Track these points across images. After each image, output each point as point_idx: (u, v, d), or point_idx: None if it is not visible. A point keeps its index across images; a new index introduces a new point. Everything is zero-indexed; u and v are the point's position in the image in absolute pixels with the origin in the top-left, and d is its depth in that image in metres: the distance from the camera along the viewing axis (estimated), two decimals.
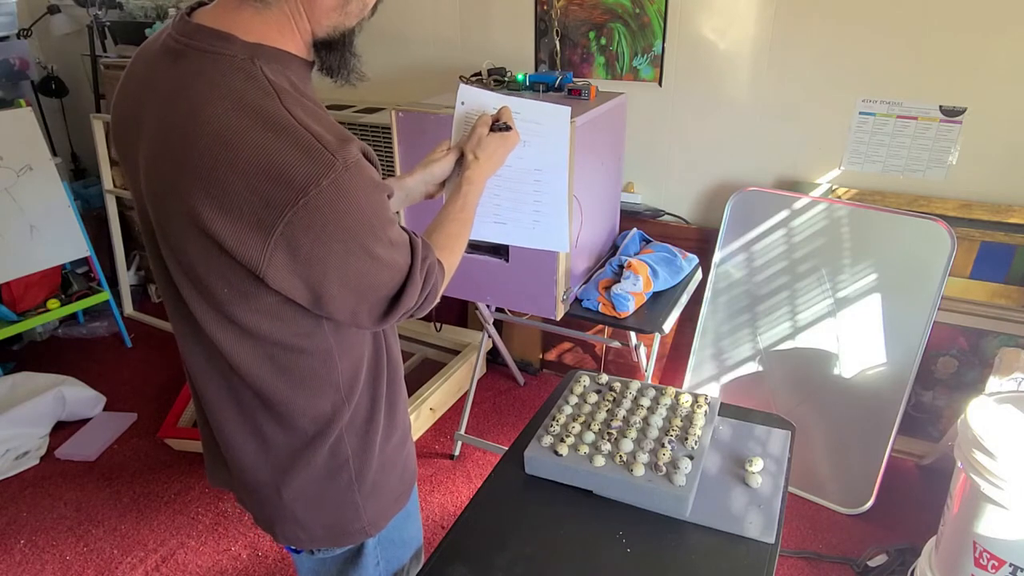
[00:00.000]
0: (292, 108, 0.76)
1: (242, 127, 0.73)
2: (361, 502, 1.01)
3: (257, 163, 0.72)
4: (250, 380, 0.89)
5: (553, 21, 2.42)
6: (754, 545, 1.05)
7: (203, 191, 0.74)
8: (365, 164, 0.79)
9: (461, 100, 1.18)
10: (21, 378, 2.65)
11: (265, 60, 0.79)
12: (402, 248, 0.86)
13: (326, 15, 0.82)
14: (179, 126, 0.76)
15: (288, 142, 0.73)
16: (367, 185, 0.78)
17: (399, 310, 0.87)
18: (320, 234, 0.75)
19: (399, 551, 1.15)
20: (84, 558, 2.07)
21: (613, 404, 1.31)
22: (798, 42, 2.11)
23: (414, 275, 0.87)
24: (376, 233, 0.80)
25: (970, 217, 2.03)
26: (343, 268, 0.79)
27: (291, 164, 0.72)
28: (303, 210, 0.73)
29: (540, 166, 1.20)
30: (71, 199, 2.95)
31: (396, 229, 0.85)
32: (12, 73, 3.41)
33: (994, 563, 1.43)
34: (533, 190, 1.21)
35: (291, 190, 0.72)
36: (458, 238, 1.04)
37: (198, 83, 0.76)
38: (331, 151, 0.74)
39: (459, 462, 2.41)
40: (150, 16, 3.30)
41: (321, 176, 0.73)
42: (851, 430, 2.11)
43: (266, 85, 0.76)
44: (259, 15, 0.80)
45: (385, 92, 2.76)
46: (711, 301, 2.32)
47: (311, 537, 1.01)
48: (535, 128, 1.19)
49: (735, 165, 2.35)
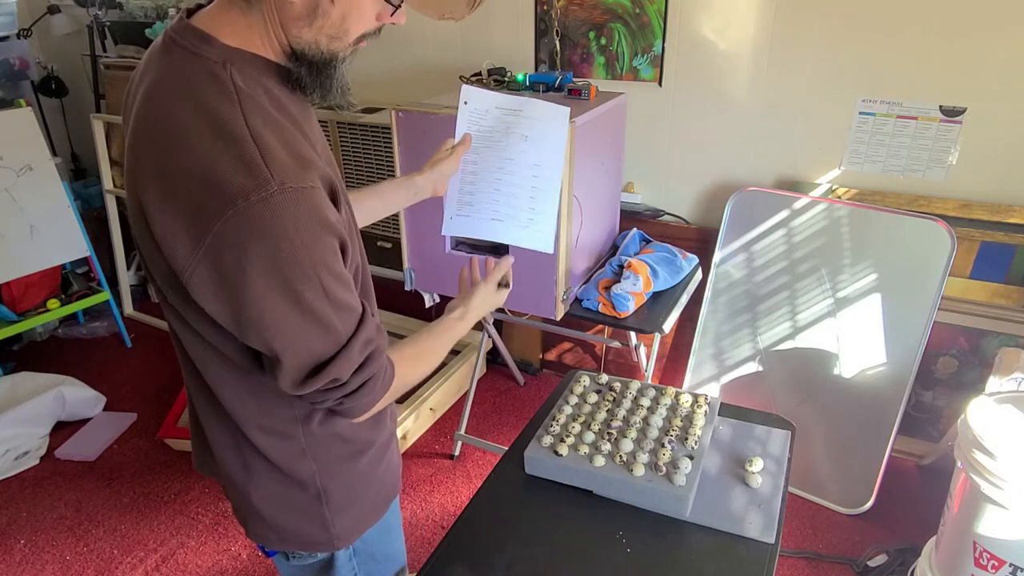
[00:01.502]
0: (251, 117, 0.74)
1: (195, 130, 0.73)
2: (329, 516, 0.99)
3: (199, 169, 0.71)
4: (207, 380, 0.89)
5: (553, 21, 2.42)
6: (754, 545, 1.05)
7: (153, 187, 0.74)
8: (315, 196, 0.74)
9: (464, 99, 1.19)
10: (21, 378, 2.65)
11: (239, 65, 0.79)
12: (344, 312, 0.79)
13: (295, 25, 0.79)
14: (148, 120, 0.77)
15: (232, 152, 0.71)
16: (306, 216, 0.72)
17: (322, 378, 0.79)
18: (242, 255, 0.70)
19: (380, 567, 1.13)
20: (84, 558, 2.07)
21: (613, 404, 1.31)
22: (798, 42, 2.11)
23: (351, 348, 0.80)
24: (305, 273, 0.73)
25: (970, 217, 2.03)
26: (264, 303, 0.73)
27: (227, 174, 0.70)
28: (231, 222, 0.70)
29: (538, 161, 1.22)
30: (71, 199, 2.95)
31: (342, 287, 0.79)
32: (12, 73, 3.41)
33: (994, 563, 1.43)
34: (531, 185, 1.22)
35: (222, 200, 0.70)
36: (424, 358, 1.00)
37: (171, 81, 0.77)
38: (272, 169, 0.71)
39: (459, 462, 2.41)
40: (150, 16, 3.30)
41: (251, 191, 0.69)
42: (851, 430, 2.11)
43: (230, 90, 0.76)
44: (244, 17, 0.79)
45: (385, 92, 2.76)
46: (711, 301, 2.32)
47: (280, 539, 1.00)
48: (535, 124, 1.21)
49: (735, 165, 2.35)
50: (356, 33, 0.83)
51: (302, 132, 0.83)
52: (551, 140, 1.22)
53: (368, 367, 0.83)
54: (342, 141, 2.71)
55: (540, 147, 1.22)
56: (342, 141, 2.71)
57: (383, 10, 0.84)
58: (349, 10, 0.80)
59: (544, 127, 1.21)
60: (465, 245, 1.96)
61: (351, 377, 0.82)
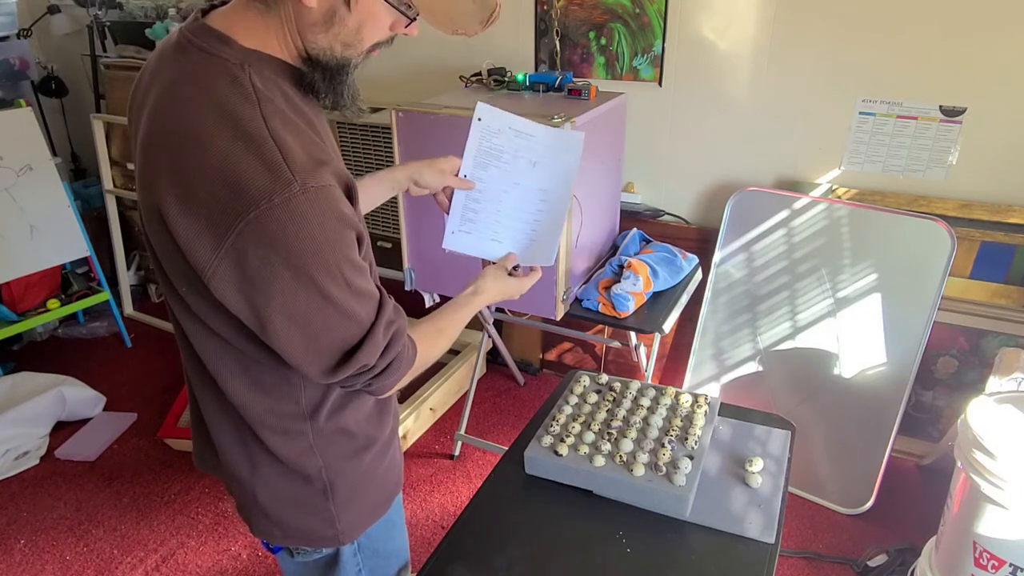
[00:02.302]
0: (270, 119, 0.75)
1: (215, 131, 0.73)
2: (335, 511, 1.00)
3: (220, 169, 0.72)
4: (214, 376, 0.90)
5: (553, 21, 2.42)
6: (754, 545, 1.05)
7: (170, 188, 0.74)
8: (333, 194, 0.76)
9: (478, 116, 1.17)
10: (21, 378, 2.65)
11: (257, 67, 0.79)
12: (366, 300, 0.82)
13: (311, 31, 0.80)
14: (164, 120, 0.77)
15: (253, 153, 0.72)
16: (326, 214, 0.75)
17: (352, 364, 0.82)
18: (268, 253, 0.73)
19: (384, 562, 1.13)
20: (84, 558, 2.07)
21: (613, 404, 1.31)
22: (798, 42, 2.11)
23: (375, 333, 0.82)
24: (329, 268, 0.76)
25: (970, 217, 2.03)
26: (289, 298, 0.75)
27: (249, 176, 0.71)
28: (254, 223, 0.71)
29: (547, 187, 1.20)
30: (71, 199, 2.95)
31: (362, 277, 0.81)
32: (12, 73, 3.41)
33: (994, 563, 1.43)
34: (536, 209, 1.20)
35: (244, 201, 0.71)
36: (443, 334, 1.03)
37: (188, 81, 0.77)
38: (293, 170, 0.72)
39: (459, 462, 2.41)
40: (150, 16, 3.29)
41: (274, 193, 0.71)
42: (851, 430, 2.11)
43: (250, 92, 0.76)
44: (262, 18, 0.80)
45: (385, 92, 2.76)
46: (711, 301, 2.32)
47: (285, 535, 1.01)
48: (547, 152, 1.19)
49: (735, 165, 2.35)
50: (370, 42, 0.84)
51: (316, 133, 0.83)
52: (562, 167, 1.20)
53: (392, 348, 0.86)
54: (342, 141, 2.71)
55: (549, 174, 1.19)
56: (342, 141, 2.71)
57: (398, 21, 0.84)
58: (365, 19, 0.81)
59: (556, 155, 1.19)
60: None
61: (378, 360, 0.85)
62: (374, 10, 0.81)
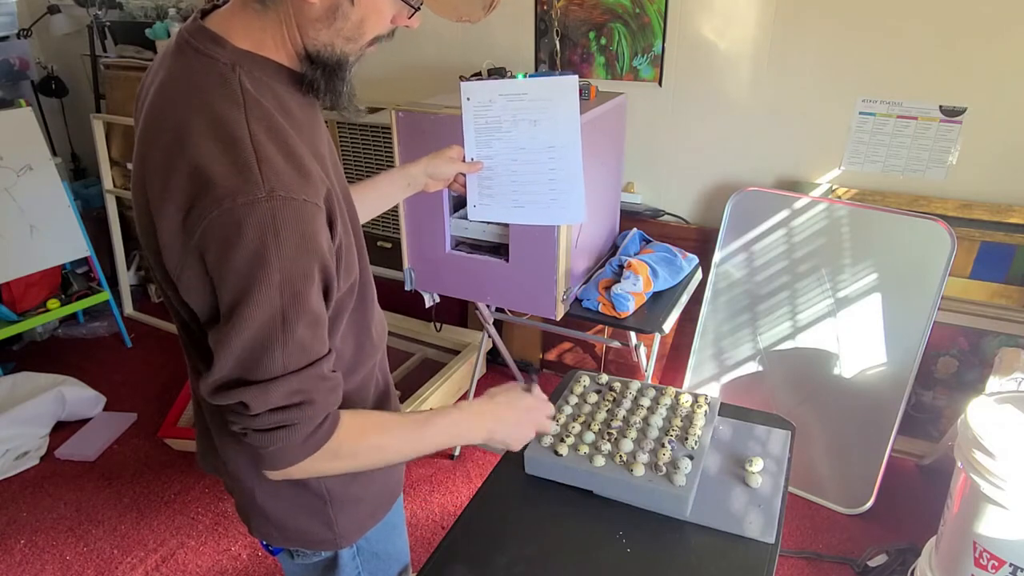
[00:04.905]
0: (254, 123, 0.75)
1: (198, 131, 0.73)
2: (334, 514, 0.99)
3: (198, 168, 0.72)
4: None
5: (553, 21, 2.42)
6: (754, 545, 1.05)
7: (156, 186, 0.75)
8: (306, 211, 0.73)
9: (466, 96, 1.17)
10: (21, 378, 2.65)
11: (248, 68, 0.79)
12: (294, 351, 0.75)
13: (313, 27, 0.79)
14: (156, 119, 0.77)
15: (230, 155, 0.72)
16: (290, 230, 0.71)
17: (232, 396, 0.75)
18: (221, 253, 0.71)
19: (383, 565, 1.13)
20: (84, 558, 2.07)
21: (613, 404, 1.31)
22: (798, 42, 2.11)
23: (272, 388, 0.75)
24: (269, 289, 0.71)
25: (970, 217, 2.03)
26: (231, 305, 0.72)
27: (221, 175, 0.71)
28: (215, 221, 0.70)
29: (553, 143, 1.19)
30: (71, 199, 2.95)
31: (304, 323, 0.74)
32: (12, 73, 3.42)
33: (994, 563, 1.43)
34: (549, 168, 1.20)
35: (211, 200, 0.70)
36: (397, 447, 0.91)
37: (180, 82, 0.78)
38: (264, 175, 0.71)
39: (459, 462, 2.41)
40: (150, 16, 3.30)
41: (239, 194, 0.70)
42: (851, 430, 2.11)
43: (237, 95, 0.76)
44: (259, 19, 0.80)
45: (385, 92, 2.76)
46: (711, 301, 2.32)
47: (284, 537, 1.01)
48: (544, 105, 1.18)
49: (735, 165, 2.35)
50: (371, 35, 0.84)
51: (308, 139, 0.82)
52: (563, 116, 1.18)
53: (288, 413, 0.77)
54: (342, 141, 2.71)
55: (552, 128, 1.18)
56: (342, 141, 2.71)
57: (400, 13, 0.84)
58: (368, 13, 0.80)
59: (553, 105, 1.18)
60: (465, 245, 1.96)
61: (264, 413, 0.76)
62: (377, 3, 0.80)
